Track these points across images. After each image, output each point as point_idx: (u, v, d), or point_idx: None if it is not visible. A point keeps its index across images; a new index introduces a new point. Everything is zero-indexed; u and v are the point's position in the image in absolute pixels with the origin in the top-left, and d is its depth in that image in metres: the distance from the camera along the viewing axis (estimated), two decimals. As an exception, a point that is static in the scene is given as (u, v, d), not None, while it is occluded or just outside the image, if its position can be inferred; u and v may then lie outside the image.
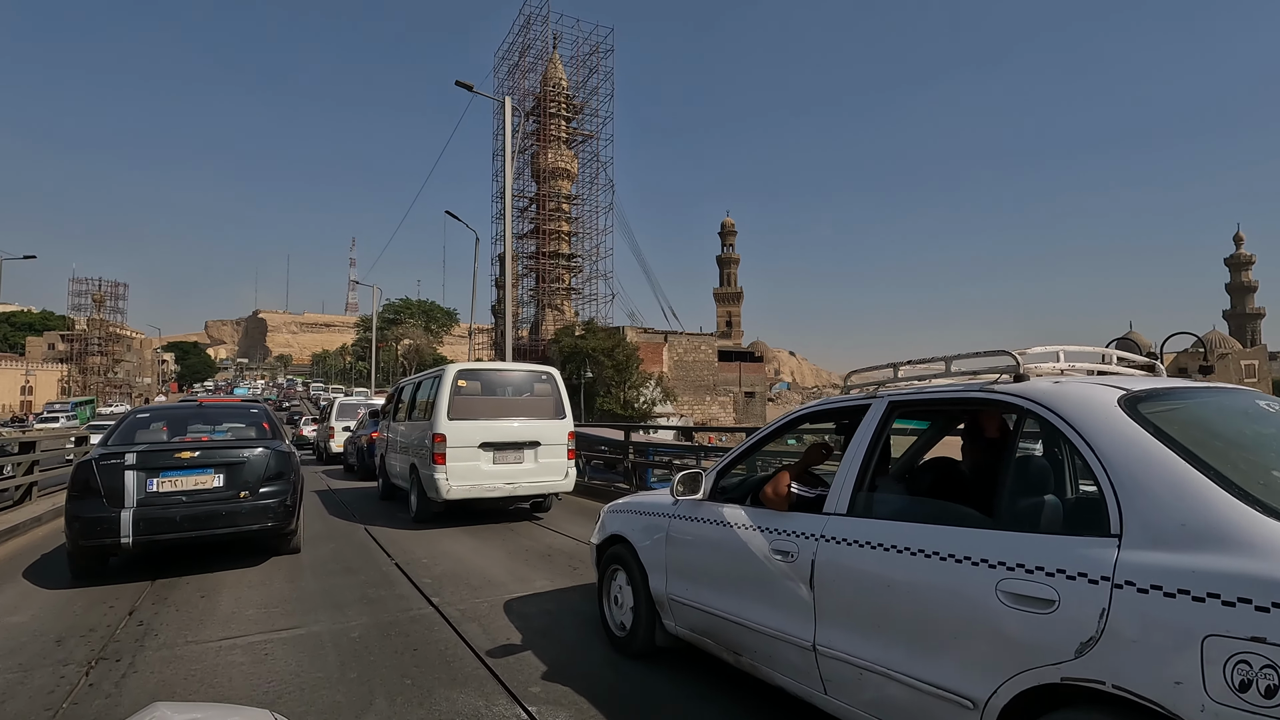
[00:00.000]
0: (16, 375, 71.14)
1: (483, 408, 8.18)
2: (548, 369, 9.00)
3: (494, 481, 7.94)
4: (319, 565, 6.13)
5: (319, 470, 16.86)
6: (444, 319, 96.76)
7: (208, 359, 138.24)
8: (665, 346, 41.07)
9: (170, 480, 5.62)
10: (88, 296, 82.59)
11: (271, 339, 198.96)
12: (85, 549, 5.43)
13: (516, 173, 47.03)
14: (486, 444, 7.97)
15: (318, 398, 65.67)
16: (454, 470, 7.74)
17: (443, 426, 7.79)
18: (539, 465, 8.28)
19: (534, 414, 8.49)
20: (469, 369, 8.37)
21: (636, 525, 3.80)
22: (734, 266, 65.32)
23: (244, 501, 5.76)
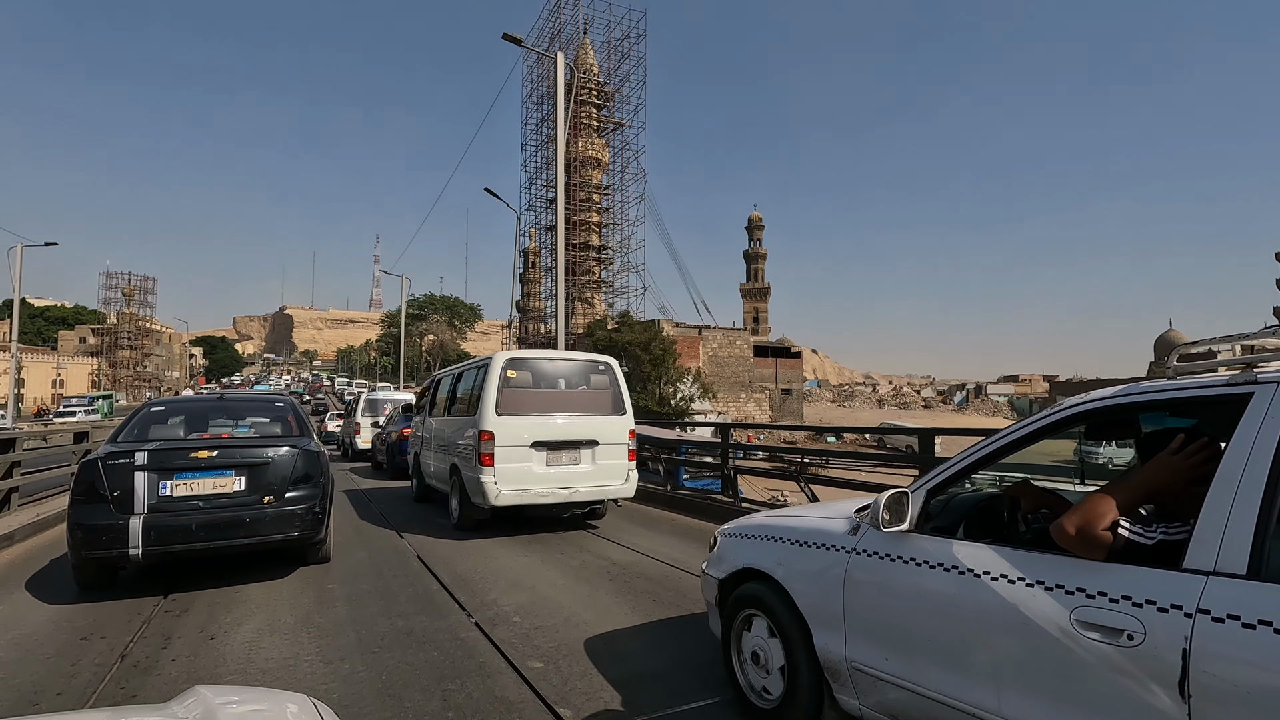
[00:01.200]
0: (48, 368, 72.64)
1: (534, 401, 7.27)
2: (605, 359, 8.06)
3: (547, 486, 7.03)
4: (352, 585, 5.26)
5: (346, 468, 16.41)
6: (468, 314, 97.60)
7: (235, 354, 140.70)
8: (701, 341, 39.94)
9: (186, 483, 5.00)
10: (118, 290, 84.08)
11: (297, 335, 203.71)
12: (89, 561, 4.82)
13: (544, 163, 46.29)
14: (539, 443, 7.06)
15: (342, 392, 65.98)
16: (503, 473, 6.84)
17: (490, 423, 6.90)
18: (596, 467, 7.35)
19: (591, 409, 7.57)
20: (519, 357, 7.47)
21: (787, 558, 2.83)
22: (761, 261, 64.25)
23: (268, 507, 5.14)
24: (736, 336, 42.92)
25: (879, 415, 71.05)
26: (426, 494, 9.92)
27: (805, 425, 38.76)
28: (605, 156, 45.51)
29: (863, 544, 2.52)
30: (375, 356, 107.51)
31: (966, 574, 2.11)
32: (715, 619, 3.30)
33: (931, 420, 59.04)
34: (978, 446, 2.40)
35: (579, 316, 41.63)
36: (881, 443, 38.22)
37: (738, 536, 3.24)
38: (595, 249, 44.05)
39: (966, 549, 2.17)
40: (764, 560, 2.94)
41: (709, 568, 3.37)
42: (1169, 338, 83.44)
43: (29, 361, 69.31)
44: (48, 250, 29.00)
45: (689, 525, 7.97)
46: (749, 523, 3.28)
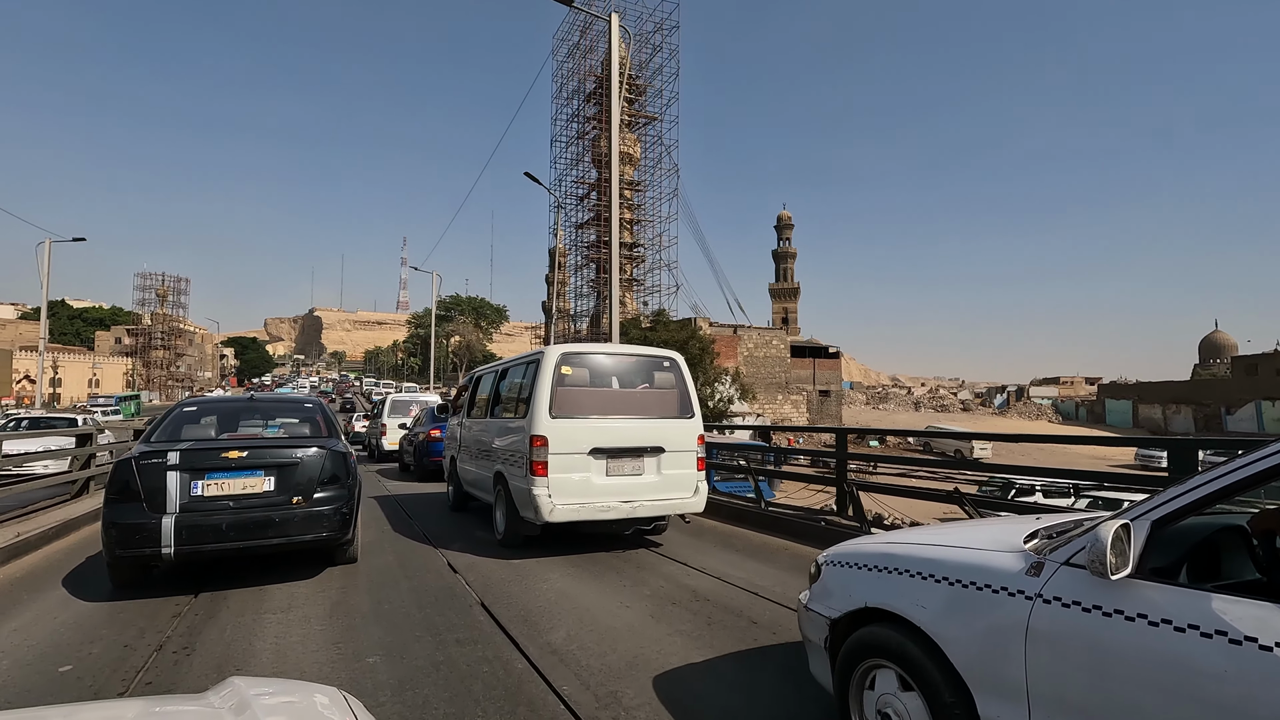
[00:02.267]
0: (85, 368, 74.53)
1: (592, 402, 6.48)
2: (670, 353, 7.23)
3: (608, 499, 6.21)
4: (389, 614, 4.56)
5: (373, 469, 16.06)
6: (494, 315, 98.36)
7: (266, 354, 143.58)
8: (739, 341, 38.84)
9: (216, 483, 5.09)
10: (152, 291, 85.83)
11: (327, 336, 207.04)
12: (123, 559, 4.93)
13: (574, 159, 45.71)
14: (598, 450, 6.25)
15: (370, 393, 66.62)
16: (558, 484, 6.04)
17: (543, 426, 6.10)
18: (662, 478, 6.53)
19: (655, 411, 6.77)
20: (574, 351, 6.67)
21: (931, 599, 2.23)
22: (790, 261, 63.66)
23: (296, 508, 5.20)
24: (773, 336, 41.75)
25: (917, 418, 69.25)
26: (464, 502, 9.26)
27: (848, 428, 37.55)
28: (637, 152, 44.69)
29: (1053, 588, 1.91)
30: (402, 357, 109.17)
31: (1245, 644, 1.48)
32: (823, 666, 2.72)
33: (973, 424, 57.04)
34: (1243, 463, 1.69)
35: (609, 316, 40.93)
36: (927, 446, 36.78)
37: (853, 566, 2.64)
38: (627, 246, 43.23)
39: (1239, 607, 1.54)
40: (897, 599, 2.35)
41: (813, 603, 2.82)
42: (1215, 339, 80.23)
43: (66, 361, 71.70)
44: (87, 254, 29.59)
45: (768, 544, 7.10)
46: (867, 549, 2.66)
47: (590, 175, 45.28)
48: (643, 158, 44.82)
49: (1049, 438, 6.50)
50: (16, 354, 68.72)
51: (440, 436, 12.60)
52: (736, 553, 6.67)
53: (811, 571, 2.96)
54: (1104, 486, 7.82)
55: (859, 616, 2.53)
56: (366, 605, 4.77)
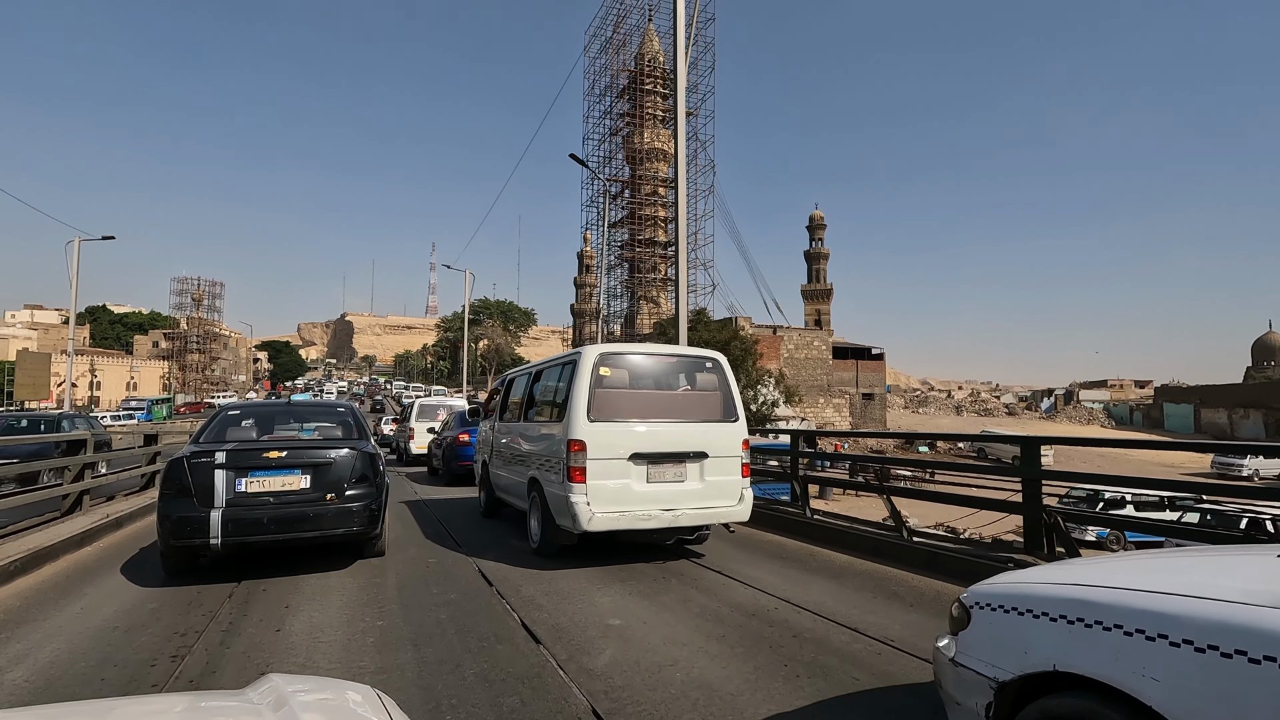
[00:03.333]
0: (123, 371, 78.01)
1: (631, 405, 6.29)
2: (712, 354, 7.01)
3: (649, 507, 6.01)
4: (423, 631, 4.38)
5: (402, 473, 16.17)
6: (522, 319, 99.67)
7: (299, 358, 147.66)
8: (781, 341, 38.28)
9: (258, 480, 5.63)
10: (188, 295, 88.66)
11: (358, 340, 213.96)
12: (176, 549, 5.54)
13: (607, 157, 45.73)
14: (638, 455, 6.05)
15: (400, 396, 68.46)
16: (597, 491, 5.86)
17: (581, 430, 5.93)
18: (705, 485, 6.30)
19: (697, 414, 6.55)
20: (613, 352, 6.49)
21: (1164, 668, 1.72)
22: (823, 262, 63.90)
23: (330, 504, 5.72)
24: (814, 337, 41.10)
25: (961, 423, 67.70)
26: (496, 508, 9.15)
27: (895, 433, 36.69)
28: (671, 148, 44.59)
29: None
30: (431, 361, 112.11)
31: None
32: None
33: (1022, 428, 55.25)
34: None
35: (644, 316, 40.74)
36: (982, 453, 35.72)
37: (1028, 613, 2.12)
38: (661, 245, 43.09)
39: None
40: (1107, 664, 1.83)
41: (967, 656, 2.30)
42: (1269, 340, 76.84)
43: (105, 365, 75.19)
44: (127, 260, 30.53)
45: (819, 557, 6.78)
46: (1047, 590, 2.13)
47: (624, 173, 45.29)
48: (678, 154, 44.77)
49: (1121, 442, 6.12)
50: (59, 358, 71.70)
51: (469, 441, 12.67)
52: (790, 566, 6.32)
53: (954, 613, 2.44)
54: (1201, 499, 7.34)
55: (1040, 681, 2.04)
56: (399, 615, 4.59)
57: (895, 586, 5.52)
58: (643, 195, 42.56)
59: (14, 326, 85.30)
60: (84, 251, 27.86)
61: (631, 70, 44.44)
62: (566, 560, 6.36)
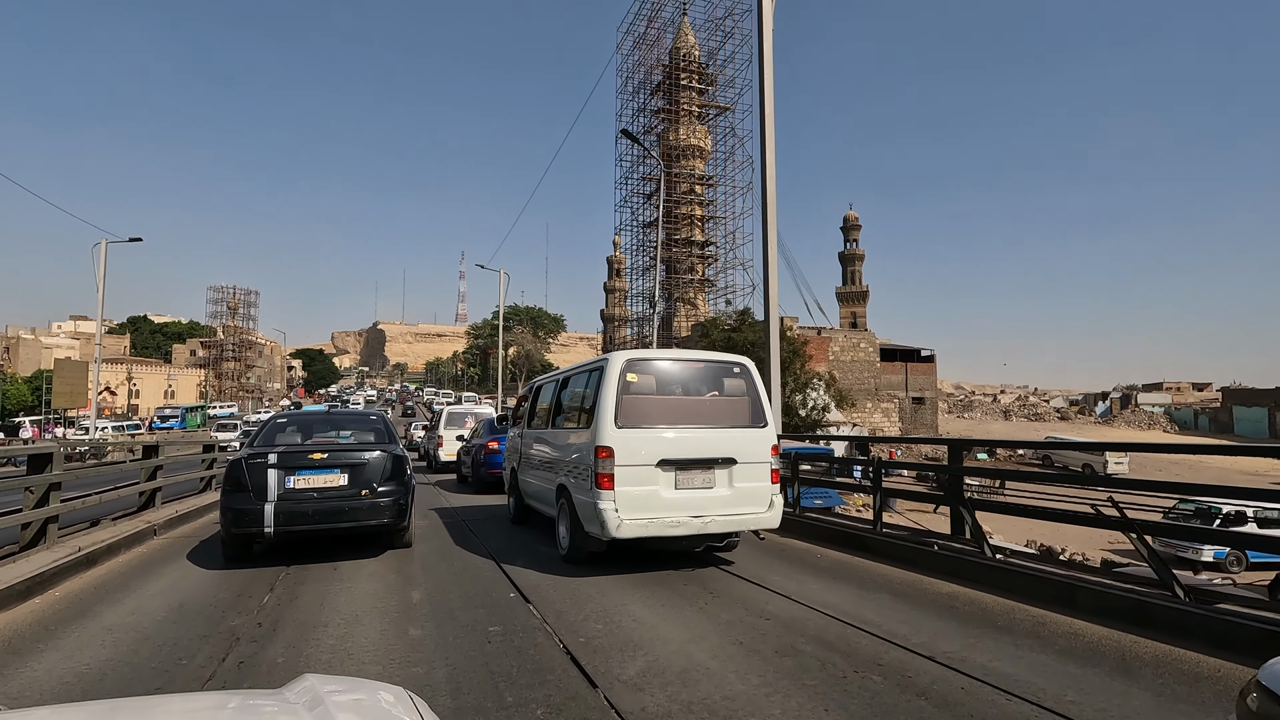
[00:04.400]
0: (160, 379, 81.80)
1: (659, 411, 6.46)
2: (740, 359, 7.14)
3: (677, 514, 6.16)
4: (452, 644, 4.58)
5: (430, 481, 16.58)
6: (551, 325, 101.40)
7: (332, 365, 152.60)
8: (830, 342, 37.94)
9: (304, 478, 6.68)
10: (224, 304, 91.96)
11: (389, 348, 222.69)
12: (236, 536, 6.66)
13: (640, 155, 46.02)
14: (666, 461, 6.21)
15: (430, 402, 71.47)
16: (625, 498, 6.04)
17: (609, 437, 6.12)
18: (734, 491, 6.42)
19: (725, 420, 6.68)
20: (640, 358, 6.68)
21: None
22: (858, 263, 64.03)
23: (365, 499, 6.75)
24: (860, 338, 40.64)
25: (1012, 428, 66.08)
26: (525, 515, 9.38)
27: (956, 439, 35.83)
28: (708, 144, 44.72)
29: None
30: (462, 368, 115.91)
31: None
32: None
33: (1081, 435, 53.44)
34: None
35: (681, 318, 40.87)
36: (1047, 460, 34.75)
37: None
38: (699, 245, 43.20)
39: None
40: None
41: None
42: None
43: (144, 373, 79.25)
44: (168, 271, 31.68)
45: (851, 565, 6.84)
46: None
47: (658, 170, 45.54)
48: (714, 150, 44.78)
49: (1209, 448, 5.81)
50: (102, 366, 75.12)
51: (498, 449, 12.97)
52: (814, 573, 6.39)
53: (1252, 706, 1.84)
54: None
55: None
56: (429, 625, 4.80)
57: (996, 617, 5.00)
58: (678, 193, 42.72)
59: (58, 336, 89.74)
60: (127, 263, 29.27)
61: (666, 65, 44.74)
62: (595, 567, 6.54)
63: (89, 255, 25.49)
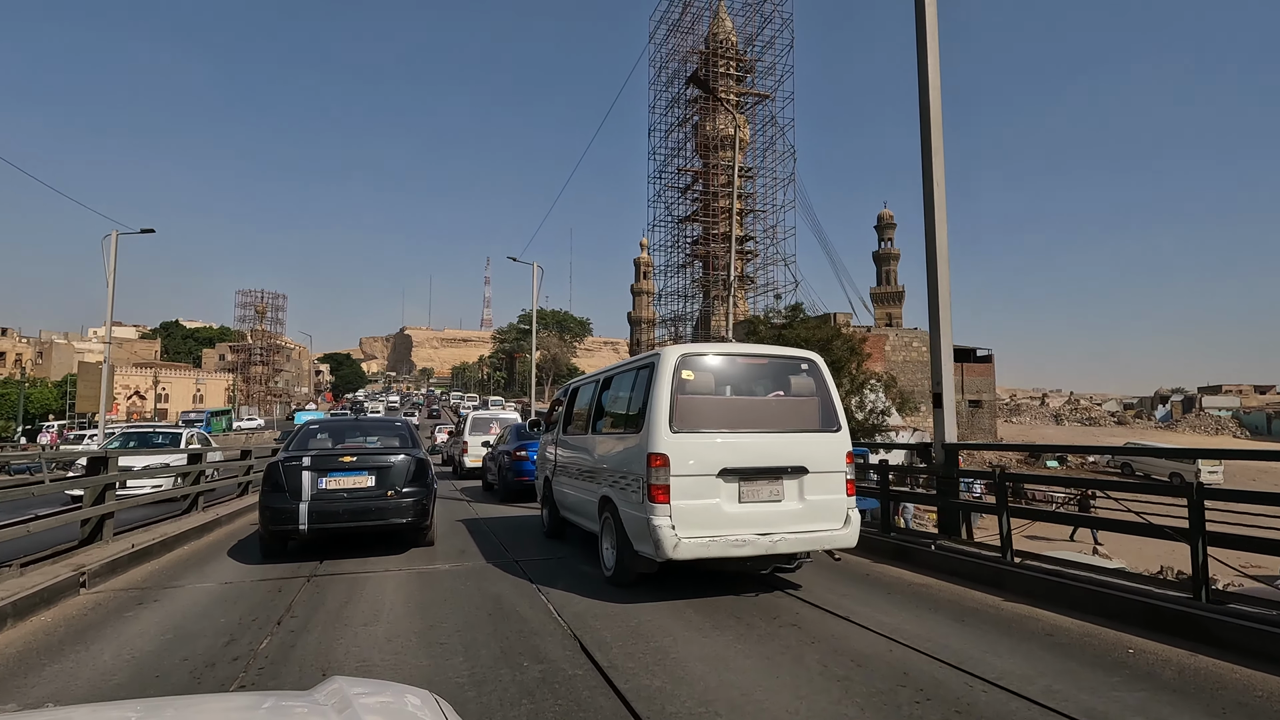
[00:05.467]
0: (189, 384, 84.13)
1: (719, 413, 5.83)
2: (807, 354, 6.47)
3: (741, 531, 5.51)
4: (486, 686, 3.99)
5: (456, 487, 16.54)
6: (577, 329, 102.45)
7: (360, 370, 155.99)
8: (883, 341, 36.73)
9: (335, 480, 7.37)
10: (251, 308, 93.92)
11: (416, 353, 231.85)
12: (273, 533, 7.30)
13: (675, 148, 45.41)
14: (729, 471, 5.56)
15: (457, 406, 74.50)
16: (682, 512, 5.40)
17: (663, 443, 5.49)
18: (806, 505, 5.75)
19: (793, 423, 6.03)
20: (697, 352, 6.04)
21: None
22: (893, 263, 63.63)
23: (390, 500, 7.42)
24: (913, 336, 39.24)
25: (1066, 433, 63.94)
26: (560, 529, 8.89)
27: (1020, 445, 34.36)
28: (746, 134, 43.82)
29: None
30: (488, 372, 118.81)
31: None
32: None
33: (1146, 440, 50.95)
34: None
35: (719, 318, 39.99)
36: (1127, 468, 33.08)
37: None
38: (737, 240, 42.25)
39: None
40: None
41: None
42: None
43: (173, 377, 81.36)
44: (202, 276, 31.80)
45: (940, 591, 6.09)
46: None
47: (694, 163, 44.86)
48: (753, 140, 43.89)
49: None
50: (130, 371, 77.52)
51: (527, 456, 12.80)
52: (901, 603, 5.63)
53: None
54: None
55: None
56: (460, 657, 4.24)
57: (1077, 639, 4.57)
58: (716, 185, 41.89)
59: (90, 341, 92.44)
60: (160, 269, 29.58)
61: (703, 51, 44.00)
62: (645, 591, 5.91)
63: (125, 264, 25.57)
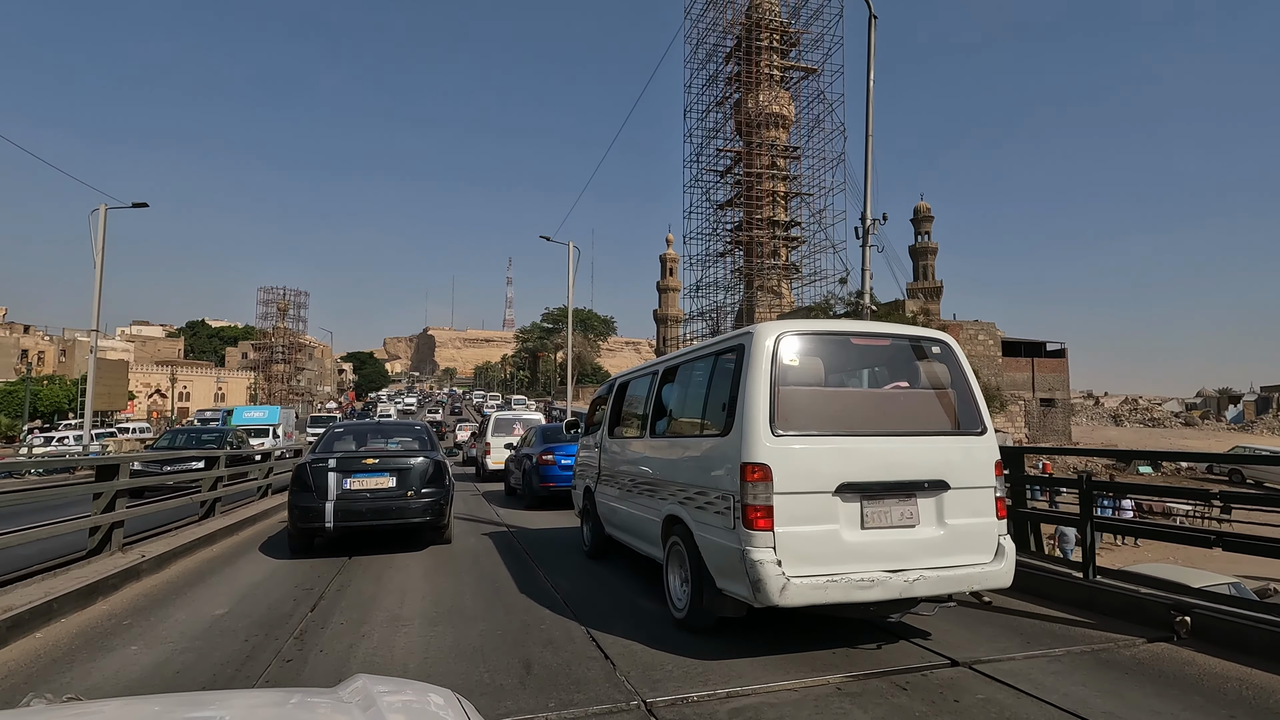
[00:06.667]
0: (210, 382, 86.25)
1: (831, 411, 4.63)
2: (937, 334, 5.23)
3: (868, 568, 4.28)
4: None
5: (479, 490, 16.87)
6: (601, 328, 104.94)
7: (382, 369, 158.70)
8: (960, 330, 34.91)
9: (359, 480, 8.09)
10: (273, 305, 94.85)
11: (439, 354, 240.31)
12: (301, 530, 8.02)
13: (713, 129, 44.07)
14: (849, 486, 4.35)
15: (480, 406, 76.61)
16: (791, 543, 4.19)
17: (763, 449, 4.28)
18: (945, 532, 4.52)
19: (924, 423, 4.86)
20: (799, 330, 4.79)
21: None
22: (931, 257, 63.24)
23: (410, 500, 8.17)
24: (978, 329, 37.35)
25: (1131, 435, 60.77)
26: (605, 548, 7.90)
27: (1107, 450, 32.34)
28: (790, 112, 42.24)
29: None
30: (511, 371, 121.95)
31: None
32: None
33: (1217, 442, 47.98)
34: None
35: (763, 310, 38.49)
36: (1236, 475, 30.88)
37: None
38: (782, 225, 40.72)
39: None
40: None
41: None
42: None
43: (194, 375, 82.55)
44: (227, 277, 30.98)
45: (1097, 639, 4.79)
46: None
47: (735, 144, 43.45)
48: (799, 118, 42.27)
49: None
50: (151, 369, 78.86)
51: (553, 460, 12.62)
52: (1094, 664, 4.32)
53: None
54: None
55: None
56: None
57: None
58: (758, 167, 40.32)
59: (113, 339, 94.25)
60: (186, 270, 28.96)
61: (744, 23, 42.48)
62: (730, 639, 4.73)
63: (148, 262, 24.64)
